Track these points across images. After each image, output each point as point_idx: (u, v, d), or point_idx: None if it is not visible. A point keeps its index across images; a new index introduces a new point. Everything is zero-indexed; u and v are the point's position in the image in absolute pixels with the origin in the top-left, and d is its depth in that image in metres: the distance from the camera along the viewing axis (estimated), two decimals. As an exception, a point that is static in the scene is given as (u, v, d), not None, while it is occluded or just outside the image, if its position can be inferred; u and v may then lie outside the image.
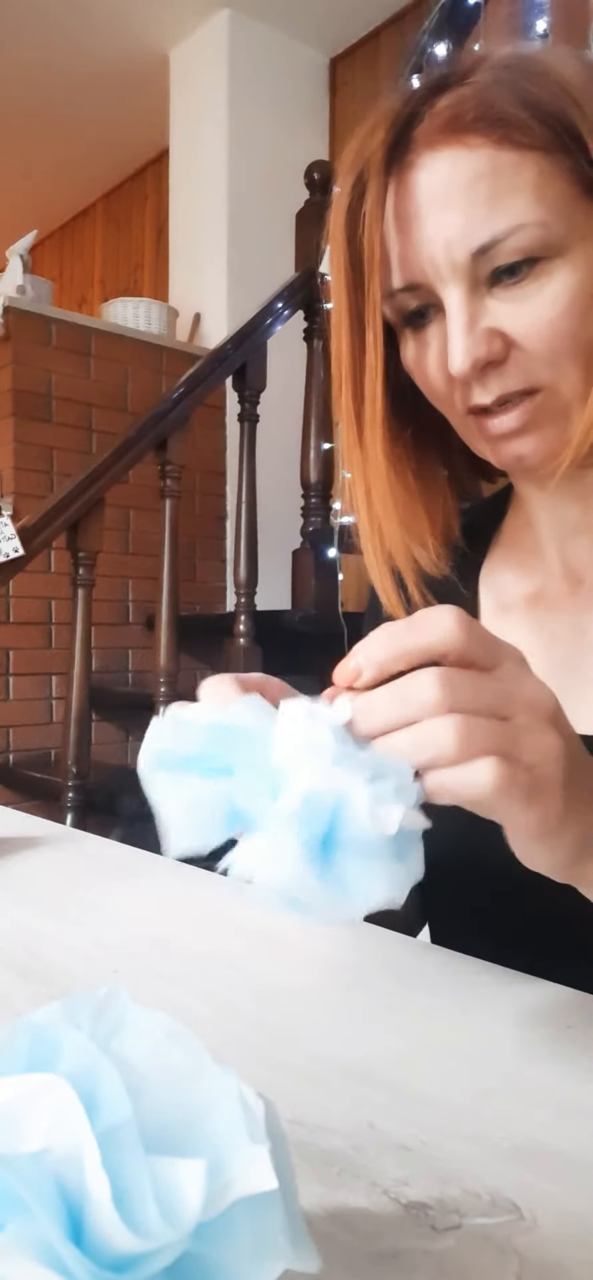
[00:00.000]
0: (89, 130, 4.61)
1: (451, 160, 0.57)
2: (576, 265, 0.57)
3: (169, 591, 2.54)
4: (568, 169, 0.56)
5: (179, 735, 0.42)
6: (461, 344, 0.58)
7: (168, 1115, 0.23)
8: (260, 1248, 0.21)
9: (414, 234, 0.59)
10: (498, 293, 0.58)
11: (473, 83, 0.58)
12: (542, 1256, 0.28)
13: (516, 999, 0.48)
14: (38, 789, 2.87)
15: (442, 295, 0.59)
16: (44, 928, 0.60)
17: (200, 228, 3.88)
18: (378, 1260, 0.28)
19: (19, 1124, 0.21)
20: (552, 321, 0.57)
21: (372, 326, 0.61)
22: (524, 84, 0.57)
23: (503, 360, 0.59)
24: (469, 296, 0.58)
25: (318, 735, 0.38)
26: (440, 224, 0.57)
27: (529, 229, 0.56)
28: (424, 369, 0.63)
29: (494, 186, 0.56)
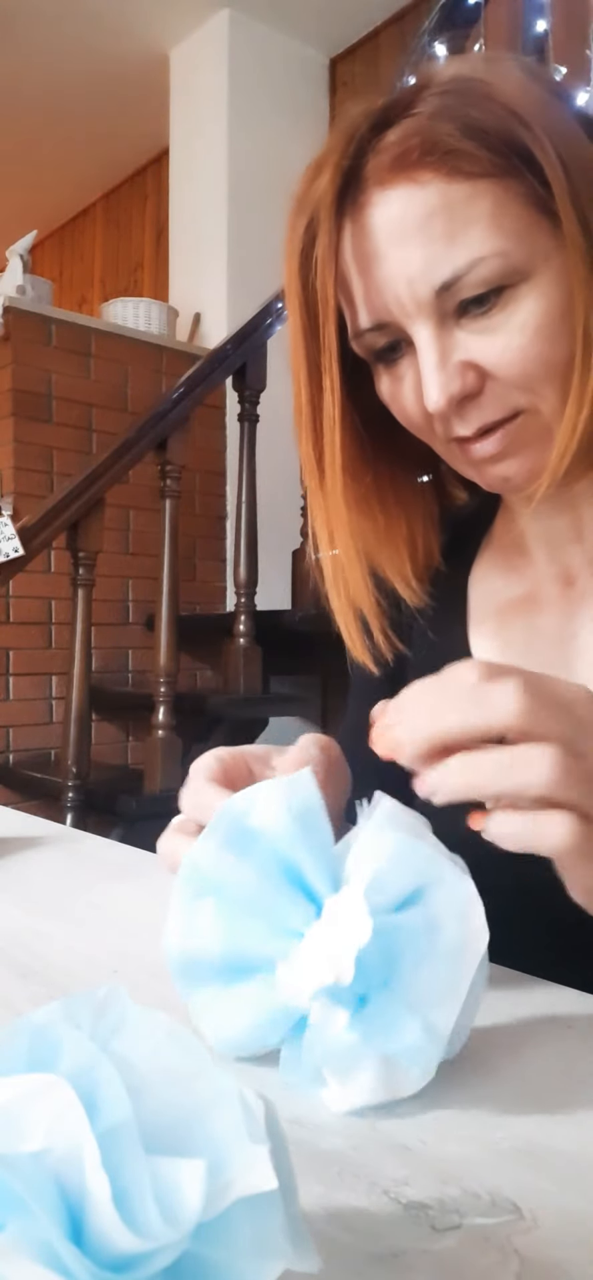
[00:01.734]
0: (89, 130, 4.61)
1: (402, 198, 0.56)
2: (542, 288, 0.56)
3: (169, 591, 2.54)
4: (522, 192, 0.55)
5: (201, 935, 0.40)
6: (434, 381, 0.57)
7: (168, 1115, 0.23)
8: (260, 1248, 0.21)
9: (376, 274, 0.58)
10: (467, 324, 0.57)
11: (417, 114, 0.56)
12: (542, 1256, 0.28)
13: (516, 999, 0.48)
14: (38, 789, 2.87)
15: (410, 332, 0.58)
16: (44, 928, 0.60)
17: (200, 228, 3.89)
18: (378, 1260, 0.28)
19: (19, 1124, 0.21)
20: (523, 348, 0.56)
21: (329, 373, 0.60)
22: (468, 110, 0.55)
23: (479, 391, 0.58)
24: (438, 332, 0.57)
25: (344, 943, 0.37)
26: (400, 263, 0.57)
27: (490, 260, 0.55)
28: (401, 403, 0.62)
29: (449, 221, 0.55)
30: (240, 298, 3.59)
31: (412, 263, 0.56)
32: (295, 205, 0.61)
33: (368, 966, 0.36)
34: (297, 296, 0.60)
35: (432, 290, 0.56)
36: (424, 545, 0.72)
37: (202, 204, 3.89)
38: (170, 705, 2.50)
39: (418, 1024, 0.36)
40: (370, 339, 0.61)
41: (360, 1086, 0.36)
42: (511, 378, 0.57)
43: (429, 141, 0.55)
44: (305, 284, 0.60)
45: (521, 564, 0.70)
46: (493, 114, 0.55)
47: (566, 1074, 0.40)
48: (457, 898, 0.38)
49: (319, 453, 0.63)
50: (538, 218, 0.56)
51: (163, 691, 2.50)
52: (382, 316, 0.59)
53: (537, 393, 0.58)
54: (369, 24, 3.89)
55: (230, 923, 0.39)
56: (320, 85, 4.09)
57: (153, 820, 2.77)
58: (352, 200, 0.58)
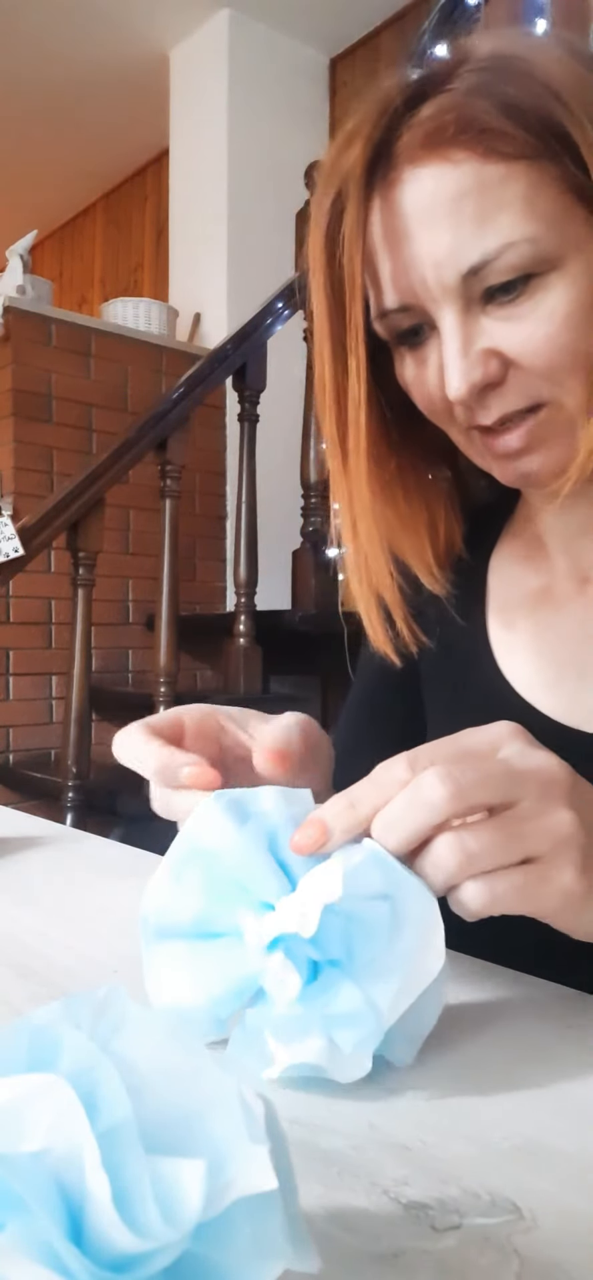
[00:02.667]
0: (89, 130, 4.61)
1: (434, 177, 0.54)
2: (572, 277, 0.54)
3: (169, 591, 2.54)
4: (558, 176, 0.53)
5: (175, 898, 0.42)
6: (457, 368, 0.56)
7: (168, 1115, 0.23)
8: (260, 1248, 0.21)
9: (403, 254, 0.56)
10: (493, 311, 0.56)
11: (453, 90, 0.54)
12: (542, 1256, 0.28)
13: (515, 999, 0.48)
14: (38, 789, 2.87)
15: (435, 316, 0.57)
16: (44, 928, 0.60)
17: (200, 228, 3.89)
18: (378, 1260, 0.28)
19: (19, 1124, 0.21)
20: (550, 338, 0.55)
21: (354, 353, 0.58)
22: (506, 88, 0.53)
23: (502, 381, 0.57)
24: (463, 317, 0.56)
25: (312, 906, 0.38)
26: (428, 244, 0.55)
27: (520, 246, 0.53)
28: (421, 388, 0.61)
29: (481, 203, 0.53)
30: (240, 298, 3.59)
31: (440, 245, 0.55)
32: (323, 177, 0.59)
33: (328, 936, 0.38)
34: (322, 273, 0.59)
35: (458, 275, 0.55)
36: (446, 532, 0.70)
37: (202, 204, 3.89)
38: (170, 705, 2.50)
39: (359, 996, 0.37)
40: (394, 320, 0.59)
41: (302, 1050, 0.37)
42: (535, 367, 0.56)
43: (465, 119, 0.53)
44: (332, 260, 0.58)
45: (538, 557, 0.70)
46: (531, 92, 0.53)
47: (566, 1075, 0.40)
48: (421, 915, 0.39)
49: (343, 434, 0.61)
50: (573, 204, 0.54)
51: (163, 691, 2.50)
52: (407, 298, 0.57)
53: (561, 384, 0.56)
54: (369, 24, 3.89)
55: (213, 886, 0.40)
56: (320, 85, 4.09)
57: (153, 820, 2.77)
58: (382, 176, 0.56)
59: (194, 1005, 0.40)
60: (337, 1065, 0.38)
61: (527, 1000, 0.48)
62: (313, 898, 0.38)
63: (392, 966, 0.38)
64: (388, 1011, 0.38)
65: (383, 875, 0.39)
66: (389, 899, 0.39)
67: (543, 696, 0.65)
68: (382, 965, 0.38)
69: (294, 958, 0.38)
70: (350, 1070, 0.38)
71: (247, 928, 0.39)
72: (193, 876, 0.41)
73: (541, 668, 0.66)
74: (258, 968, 0.39)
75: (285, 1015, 0.38)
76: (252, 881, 0.40)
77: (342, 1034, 0.37)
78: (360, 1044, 0.37)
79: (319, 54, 4.07)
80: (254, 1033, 0.39)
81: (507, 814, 0.39)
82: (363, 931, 0.38)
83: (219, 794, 0.42)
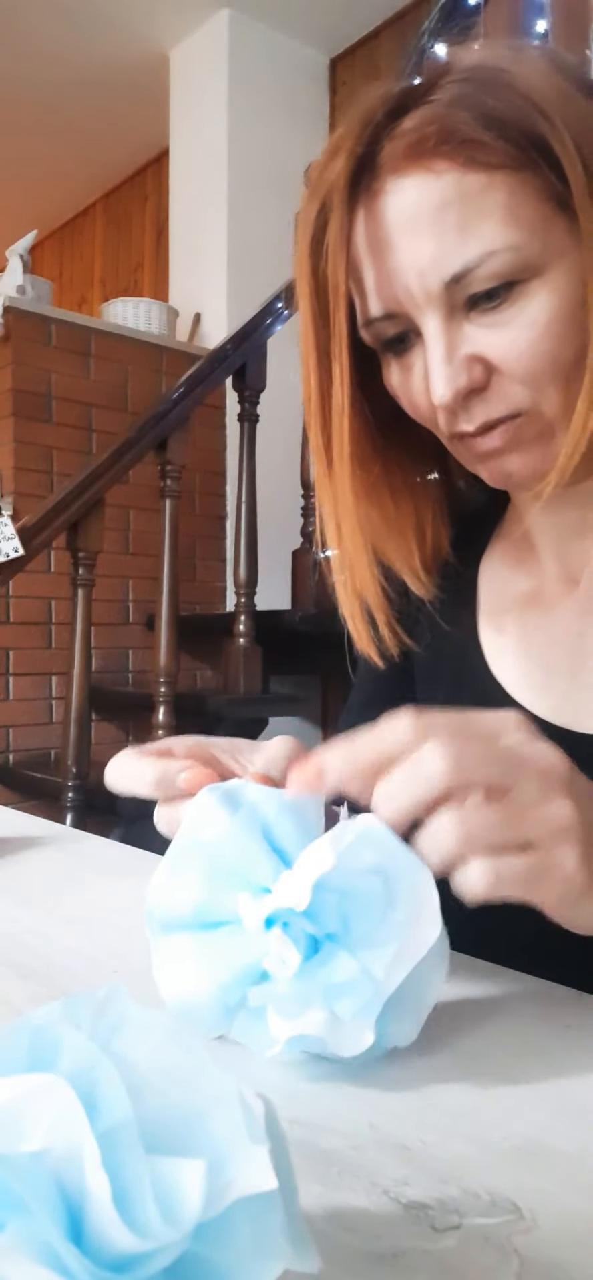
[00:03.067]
0: (89, 130, 4.61)
1: (417, 187, 0.55)
2: (554, 285, 0.55)
3: (169, 591, 2.54)
4: (539, 186, 0.54)
5: (177, 890, 0.43)
6: (441, 374, 0.57)
7: (168, 1115, 0.23)
8: (260, 1248, 0.21)
9: (387, 263, 0.57)
10: (476, 318, 0.57)
11: (435, 101, 0.55)
12: (542, 1256, 0.28)
13: (515, 999, 0.48)
14: (38, 789, 2.87)
15: (419, 324, 0.58)
16: (44, 928, 0.60)
17: (200, 228, 3.89)
18: (378, 1260, 0.28)
19: (19, 1124, 0.21)
20: (531, 344, 0.56)
21: (338, 360, 0.59)
22: (487, 100, 0.54)
23: (485, 386, 0.58)
24: (447, 324, 0.57)
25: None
26: (412, 253, 0.56)
27: (502, 254, 0.54)
28: (408, 394, 0.62)
29: (463, 212, 0.54)
30: (240, 298, 3.59)
31: (423, 253, 0.56)
32: (308, 189, 0.60)
33: (324, 911, 0.39)
34: (307, 282, 0.60)
35: (442, 282, 0.56)
36: (433, 536, 0.71)
37: (202, 204, 3.89)
38: (170, 705, 2.50)
39: (355, 965, 0.38)
40: (380, 328, 0.60)
41: (303, 1023, 0.38)
42: (517, 374, 0.57)
43: (446, 130, 0.54)
44: (316, 270, 0.59)
45: (528, 559, 0.70)
46: (512, 104, 0.54)
47: (565, 1074, 0.40)
48: (415, 887, 0.40)
49: (327, 440, 0.62)
50: (554, 213, 0.55)
51: (163, 691, 2.50)
52: (391, 306, 0.59)
53: (541, 391, 0.57)
54: (369, 24, 3.89)
55: (213, 875, 0.41)
56: (320, 85, 4.09)
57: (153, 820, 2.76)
58: (366, 187, 0.57)
59: (202, 996, 0.41)
60: (338, 1038, 0.38)
61: (526, 999, 0.48)
62: (305, 873, 0.39)
63: (387, 937, 0.39)
64: (385, 978, 0.38)
65: (375, 851, 0.40)
66: (382, 873, 0.39)
67: (533, 698, 0.65)
68: (377, 936, 0.39)
69: (292, 934, 0.39)
70: (352, 1042, 0.38)
71: (244, 910, 0.40)
72: (193, 868, 0.42)
73: (530, 669, 0.66)
74: (259, 949, 0.40)
75: (286, 991, 0.39)
76: (248, 866, 0.41)
77: (340, 1004, 0.38)
78: (360, 1012, 0.38)
79: (319, 54, 4.07)
80: (257, 1013, 0.40)
81: (506, 798, 0.39)
82: (357, 906, 0.39)
83: (213, 787, 0.43)
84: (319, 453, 0.63)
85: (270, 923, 0.39)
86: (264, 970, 0.40)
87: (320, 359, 0.61)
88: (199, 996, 0.41)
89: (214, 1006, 0.41)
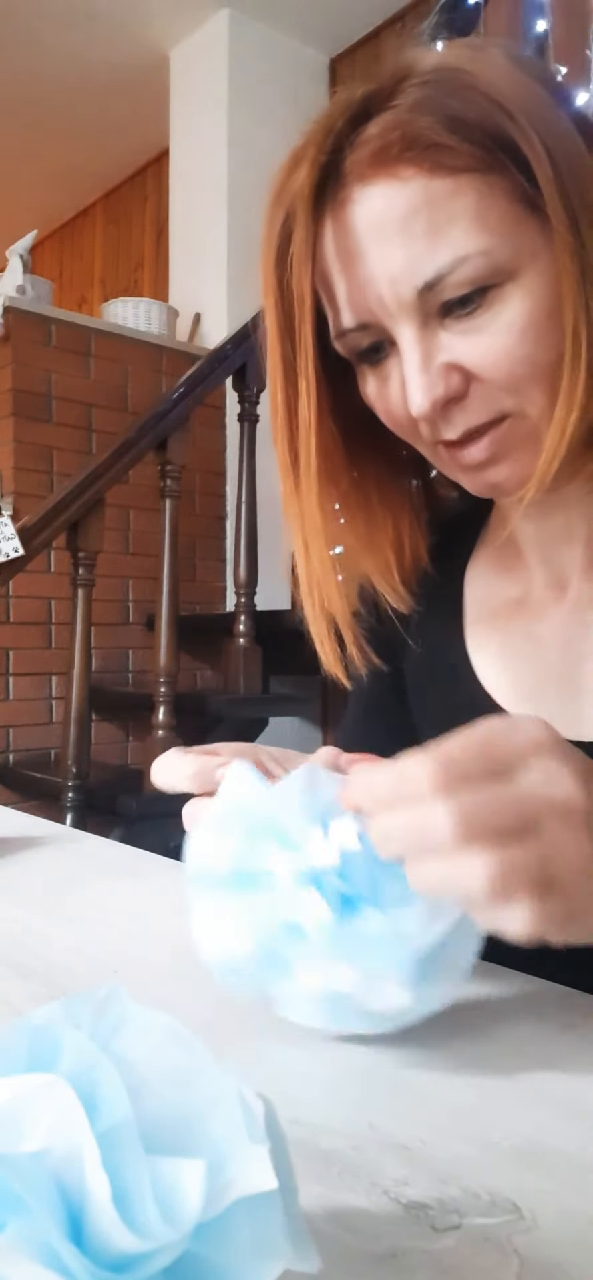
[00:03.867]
0: (89, 130, 4.61)
1: (384, 195, 0.54)
2: (527, 288, 0.54)
3: (169, 591, 2.54)
4: (507, 188, 0.53)
5: (215, 848, 0.43)
6: (418, 384, 0.56)
7: (168, 1115, 0.23)
8: (260, 1248, 0.21)
9: (357, 273, 0.56)
10: (451, 324, 0.56)
11: (396, 106, 0.54)
12: (542, 1256, 0.28)
13: (515, 999, 0.48)
14: (38, 789, 2.87)
15: (393, 333, 0.57)
16: (44, 928, 0.60)
17: (200, 228, 3.88)
18: (378, 1260, 0.28)
19: (19, 1124, 0.21)
20: (509, 349, 0.55)
21: (304, 375, 0.58)
22: (450, 102, 0.53)
23: (464, 394, 0.56)
24: (421, 333, 0.56)
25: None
26: (382, 261, 0.55)
27: (474, 259, 0.53)
28: (385, 404, 0.60)
29: (432, 218, 0.53)
30: (240, 298, 3.59)
31: (394, 262, 0.55)
32: (272, 199, 0.59)
33: (355, 872, 0.39)
34: (273, 295, 0.59)
35: (414, 290, 0.55)
36: (411, 547, 0.70)
37: (202, 204, 3.89)
38: (170, 705, 2.50)
39: (387, 922, 0.39)
40: (353, 339, 0.59)
41: (337, 979, 0.38)
42: (496, 379, 0.56)
43: (410, 136, 0.53)
44: (281, 283, 0.58)
45: (515, 566, 0.69)
46: (476, 105, 0.53)
47: (566, 1074, 0.40)
48: None
49: (294, 455, 0.61)
50: (524, 214, 0.54)
51: (163, 691, 2.50)
52: (364, 316, 0.57)
53: (523, 395, 0.56)
54: (369, 24, 3.89)
55: (247, 836, 0.42)
56: (320, 85, 4.09)
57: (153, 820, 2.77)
58: (332, 196, 0.56)
59: (242, 951, 0.41)
60: (373, 996, 0.39)
61: (526, 1000, 0.48)
62: (337, 832, 0.40)
63: (418, 903, 0.39)
64: (419, 935, 0.39)
65: None
66: None
67: (523, 706, 0.64)
68: (407, 895, 0.39)
69: (325, 893, 0.39)
70: (387, 1000, 0.39)
71: (276, 865, 0.41)
72: (231, 828, 0.43)
73: (520, 676, 0.66)
74: (292, 905, 0.40)
75: (318, 947, 0.39)
76: (283, 827, 0.41)
77: (374, 960, 0.38)
78: (394, 969, 0.38)
79: (319, 54, 4.06)
80: (292, 975, 0.40)
81: (528, 842, 0.37)
82: (387, 870, 0.39)
83: (248, 763, 0.45)
84: (286, 469, 0.62)
85: (303, 882, 0.40)
86: (299, 926, 0.40)
87: (287, 373, 0.59)
88: (239, 953, 0.41)
89: (256, 962, 0.41)
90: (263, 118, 3.84)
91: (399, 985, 0.39)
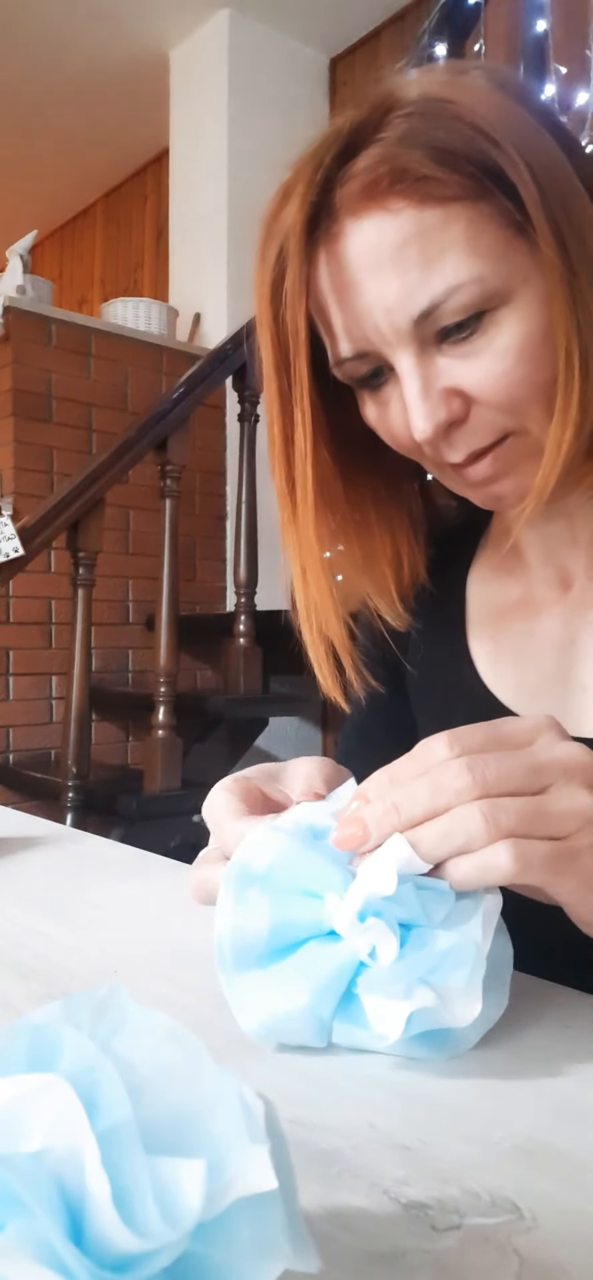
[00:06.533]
0: (89, 130, 4.61)
1: (375, 227, 0.55)
2: (522, 311, 0.55)
3: (169, 591, 2.54)
4: (496, 213, 0.54)
5: (246, 919, 0.42)
6: (420, 410, 0.57)
7: (168, 1115, 0.23)
8: (260, 1248, 0.21)
9: (353, 304, 0.57)
10: (448, 350, 0.56)
11: (383, 139, 0.54)
12: (542, 1256, 0.28)
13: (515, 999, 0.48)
14: (38, 789, 2.87)
15: (392, 361, 0.58)
16: (44, 928, 0.60)
17: (200, 228, 3.89)
18: (378, 1260, 0.28)
19: (19, 1124, 0.21)
20: (506, 372, 0.55)
21: (300, 406, 0.59)
22: (436, 133, 0.53)
23: (465, 417, 0.57)
24: (420, 359, 0.57)
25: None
26: (377, 292, 0.56)
27: (468, 286, 0.54)
28: (388, 428, 0.61)
29: (424, 248, 0.54)
30: (240, 298, 3.59)
31: (389, 292, 0.55)
32: (264, 232, 0.60)
33: (407, 899, 0.40)
34: (268, 329, 0.59)
35: (410, 319, 0.55)
36: (410, 564, 0.71)
37: (202, 204, 3.89)
38: (170, 705, 2.50)
39: (454, 934, 0.40)
40: (352, 367, 0.60)
41: (416, 999, 0.39)
42: (496, 402, 0.56)
43: (398, 169, 0.54)
44: (276, 316, 0.59)
45: (516, 568, 0.70)
46: (461, 135, 0.53)
47: (566, 1074, 0.40)
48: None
49: (291, 485, 0.62)
50: (514, 239, 0.55)
51: (163, 691, 2.50)
52: (362, 346, 0.58)
53: (524, 414, 0.57)
54: (369, 24, 3.89)
55: (278, 897, 0.42)
56: (320, 85, 4.09)
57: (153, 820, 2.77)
58: (324, 230, 0.57)
59: (295, 1009, 0.40)
60: (451, 1009, 0.39)
61: (526, 999, 0.48)
62: (385, 858, 0.40)
63: (467, 909, 0.40)
64: (483, 939, 0.40)
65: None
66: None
67: (528, 704, 0.65)
68: (459, 910, 0.40)
69: (388, 920, 0.40)
70: (464, 1010, 0.39)
71: (334, 910, 0.40)
72: (255, 896, 0.42)
73: (525, 676, 0.66)
74: (351, 947, 0.40)
75: (391, 973, 0.39)
76: (313, 877, 0.41)
77: (451, 974, 0.39)
78: (469, 976, 0.39)
79: (319, 54, 4.06)
80: (353, 1014, 0.40)
81: (536, 798, 0.40)
82: (432, 894, 0.40)
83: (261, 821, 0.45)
84: (284, 497, 0.63)
85: (362, 916, 0.40)
86: (360, 962, 0.40)
87: (283, 405, 0.60)
88: (291, 1011, 0.40)
89: (308, 1020, 0.40)
90: (263, 118, 3.85)
91: (475, 994, 0.39)
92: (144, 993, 0.49)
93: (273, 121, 3.87)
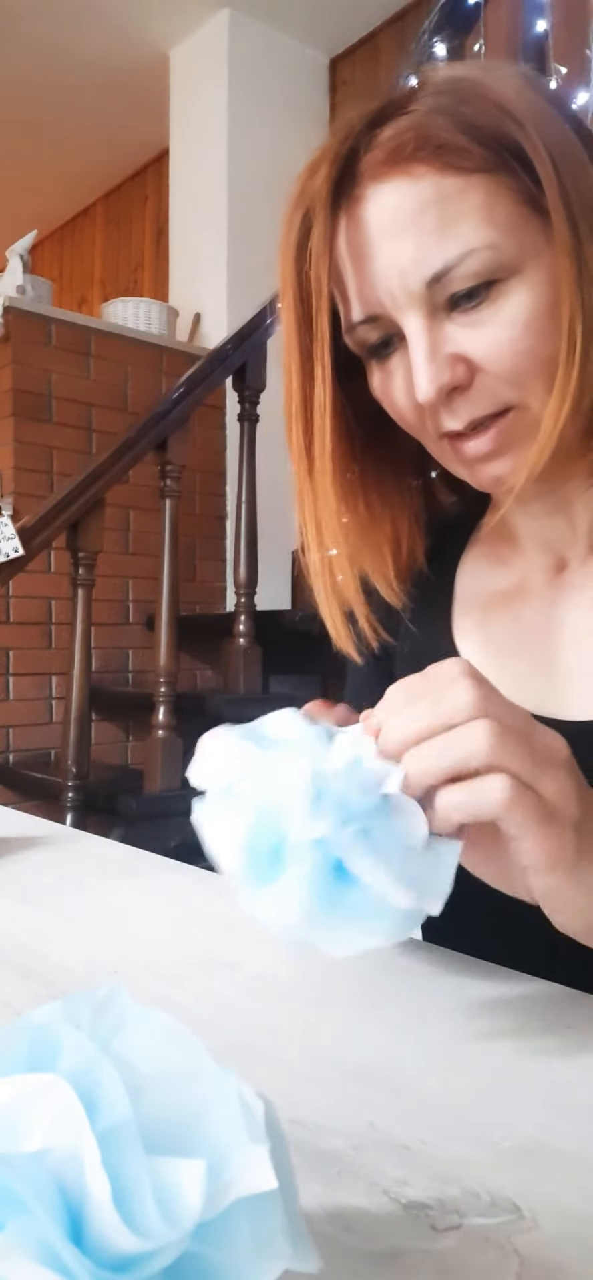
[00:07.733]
0: (89, 130, 4.61)
1: (396, 191, 0.57)
2: (531, 284, 0.57)
3: (169, 591, 2.54)
4: (514, 188, 0.56)
5: (224, 759, 0.45)
6: (425, 371, 0.58)
7: (168, 1115, 0.23)
8: (260, 1248, 0.21)
9: (369, 267, 0.59)
10: (457, 317, 0.58)
11: (412, 111, 0.57)
12: (542, 1256, 0.28)
13: (515, 1000, 0.48)
14: (38, 789, 2.87)
15: (402, 324, 0.59)
16: (44, 928, 0.60)
17: (200, 228, 3.88)
18: (378, 1260, 0.28)
19: (19, 1124, 0.21)
20: (512, 342, 0.57)
21: (321, 361, 0.61)
22: (462, 108, 0.56)
23: (469, 385, 0.59)
24: (429, 323, 0.58)
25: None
26: (393, 254, 0.58)
27: (481, 253, 0.56)
28: (392, 397, 0.63)
29: (442, 213, 0.56)
30: (240, 298, 3.59)
31: (404, 254, 0.57)
32: (292, 203, 0.62)
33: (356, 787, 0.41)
34: (291, 287, 0.61)
35: (423, 281, 0.57)
36: (408, 547, 0.72)
37: (202, 204, 3.89)
38: (170, 705, 2.50)
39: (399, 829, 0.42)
40: (363, 333, 0.61)
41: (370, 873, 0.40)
42: (500, 371, 0.58)
43: (423, 136, 0.56)
44: (300, 274, 0.61)
45: (509, 555, 0.71)
46: (486, 111, 0.56)
47: (565, 1074, 0.40)
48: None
49: (309, 440, 0.63)
50: (529, 214, 0.57)
51: (163, 691, 2.50)
52: (374, 309, 0.60)
53: (526, 388, 0.58)
54: (369, 24, 3.89)
55: (254, 749, 0.44)
56: (320, 85, 4.09)
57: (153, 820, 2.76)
58: (347, 194, 0.59)
59: (239, 837, 0.41)
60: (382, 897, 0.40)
61: (526, 999, 0.48)
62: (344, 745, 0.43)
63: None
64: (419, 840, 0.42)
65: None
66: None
67: (512, 689, 0.65)
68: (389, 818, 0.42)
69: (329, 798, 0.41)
70: (393, 900, 0.40)
71: (284, 763, 0.42)
72: (234, 741, 0.45)
73: (506, 663, 0.67)
74: (325, 763, 0.42)
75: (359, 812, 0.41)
76: (293, 739, 0.44)
77: (388, 863, 0.40)
78: (398, 870, 0.40)
79: (319, 54, 4.06)
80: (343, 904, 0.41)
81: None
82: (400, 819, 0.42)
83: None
84: (301, 454, 0.64)
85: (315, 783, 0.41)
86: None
87: (303, 361, 0.62)
88: (239, 839, 0.41)
89: (254, 852, 0.41)
90: (263, 118, 3.84)
91: (403, 886, 0.40)
92: (144, 993, 0.49)
93: (273, 121, 3.86)
